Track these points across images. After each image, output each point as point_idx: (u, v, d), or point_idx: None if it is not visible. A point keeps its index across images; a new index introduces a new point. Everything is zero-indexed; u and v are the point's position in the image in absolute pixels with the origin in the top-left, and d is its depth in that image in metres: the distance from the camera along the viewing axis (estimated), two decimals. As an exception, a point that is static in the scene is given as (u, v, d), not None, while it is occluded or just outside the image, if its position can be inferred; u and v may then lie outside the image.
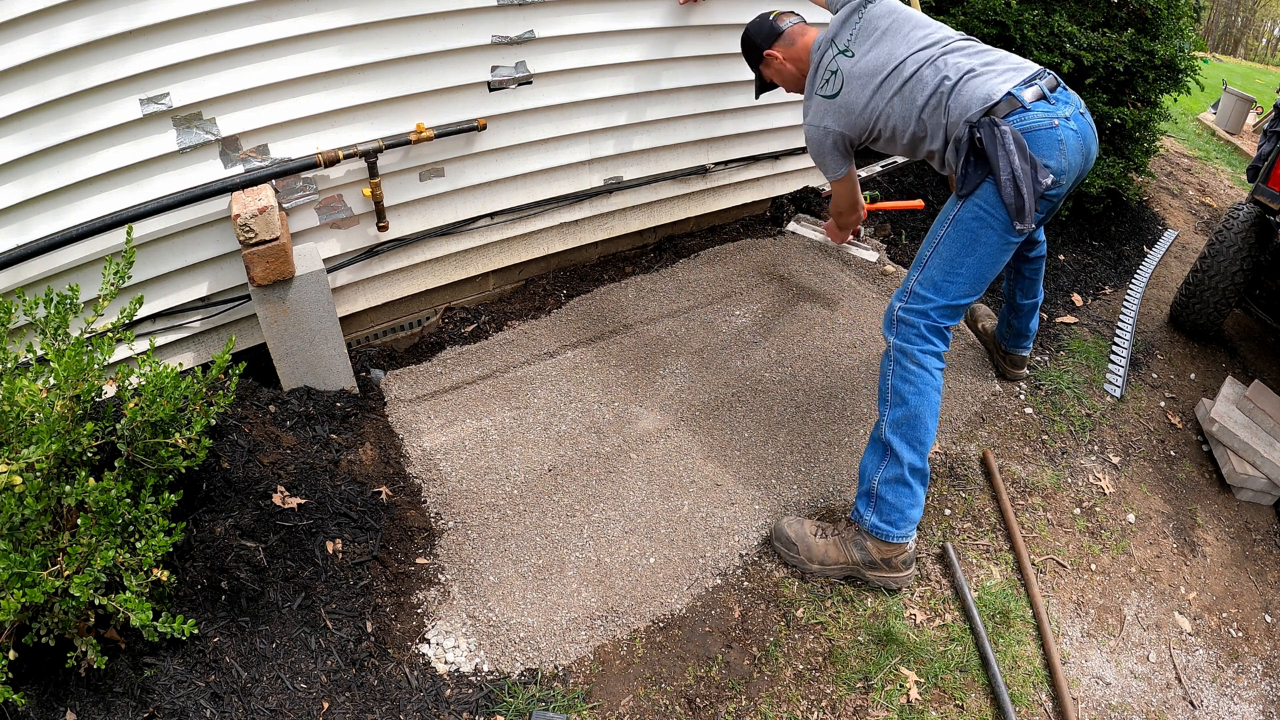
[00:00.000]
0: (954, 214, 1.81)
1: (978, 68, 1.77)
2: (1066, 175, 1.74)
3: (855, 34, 1.94)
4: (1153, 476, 2.45)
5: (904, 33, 1.89)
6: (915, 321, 1.82)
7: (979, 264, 1.80)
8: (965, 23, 3.37)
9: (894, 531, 1.79)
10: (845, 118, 1.94)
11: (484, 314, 2.70)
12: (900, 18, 1.93)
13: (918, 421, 1.79)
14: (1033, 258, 2.37)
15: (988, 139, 1.68)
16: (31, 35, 1.59)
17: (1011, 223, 1.73)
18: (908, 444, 1.79)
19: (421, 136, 2.14)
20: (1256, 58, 19.63)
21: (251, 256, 1.86)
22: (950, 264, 1.81)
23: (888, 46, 1.89)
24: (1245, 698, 1.87)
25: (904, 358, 1.82)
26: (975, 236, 1.77)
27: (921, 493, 1.81)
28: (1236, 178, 5.66)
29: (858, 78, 1.90)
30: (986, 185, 1.73)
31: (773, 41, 2.14)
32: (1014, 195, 1.68)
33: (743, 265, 3.07)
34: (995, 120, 1.68)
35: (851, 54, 1.93)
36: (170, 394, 1.40)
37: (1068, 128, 1.71)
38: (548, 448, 2.18)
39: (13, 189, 1.70)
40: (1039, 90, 1.72)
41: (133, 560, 1.33)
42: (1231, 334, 3.38)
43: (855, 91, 1.91)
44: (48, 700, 1.37)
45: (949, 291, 1.82)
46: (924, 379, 1.80)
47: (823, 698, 1.66)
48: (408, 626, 1.70)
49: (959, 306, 1.84)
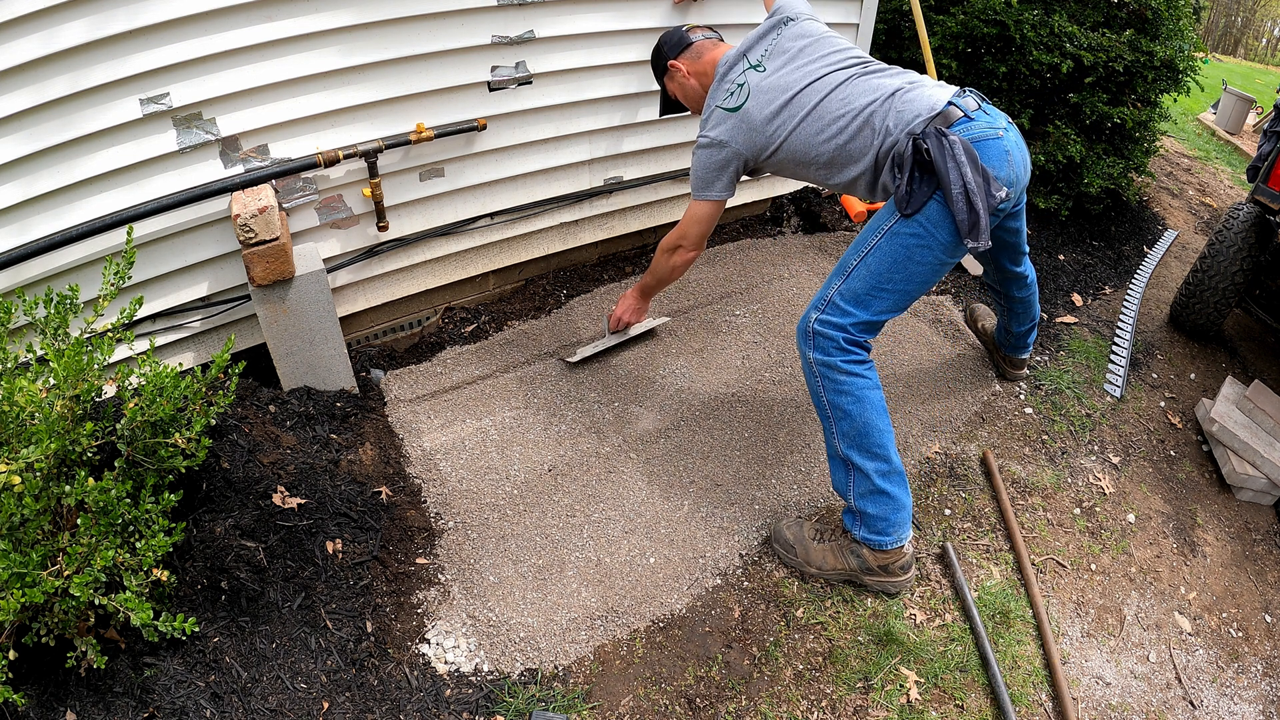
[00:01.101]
0: (889, 225, 1.68)
1: (905, 86, 1.70)
2: (1014, 189, 1.67)
3: (770, 50, 1.85)
4: (1153, 476, 2.46)
5: (822, 53, 1.81)
6: (834, 335, 1.72)
7: (908, 282, 1.69)
8: (965, 22, 3.37)
9: (885, 540, 1.76)
10: (745, 133, 1.81)
11: (484, 314, 2.70)
12: (819, 39, 1.84)
13: (868, 429, 1.71)
14: (1021, 297, 2.30)
15: (936, 150, 1.57)
16: (31, 35, 1.59)
17: (957, 241, 1.62)
18: (867, 455, 1.72)
19: (421, 136, 2.14)
20: (1256, 58, 19.64)
21: (251, 256, 1.86)
22: (877, 279, 1.69)
23: (803, 63, 1.79)
24: (1245, 698, 1.88)
25: (830, 370, 1.72)
26: (909, 254, 1.66)
27: (902, 493, 1.75)
28: (1236, 178, 5.66)
29: (765, 92, 1.79)
30: (933, 204, 1.61)
31: (679, 52, 2.03)
32: (966, 210, 1.57)
33: (743, 265, 3.07)
34: (942, 130, 1.58)
35: (763, 69, 1.82)
36: (170, 394, 1.40)
37: (1009, 137, 1.65)
38: (548, 448, 2.18)
39: (13, 189, 1.70)
40: (975, 101, 1.66)
41: (133, 560, 1.33)
42: (1231, 334, 3.38)
43: (760, 106, 1.78)
44: (48, 700, 1.37)
45: (871, 307, 1.71)
46: (857, 384, 1.71)
47: (823, 698, 1.66)
48: (408, 626, 1.70)
49: (879, 324, 1.75)
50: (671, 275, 2.18)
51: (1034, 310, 2.38)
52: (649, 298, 2.39)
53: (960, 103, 1.65)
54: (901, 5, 3.61)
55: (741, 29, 2.70)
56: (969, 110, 1.64)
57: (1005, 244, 2.13)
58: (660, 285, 2.27)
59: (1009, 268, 2.22)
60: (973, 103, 1.67)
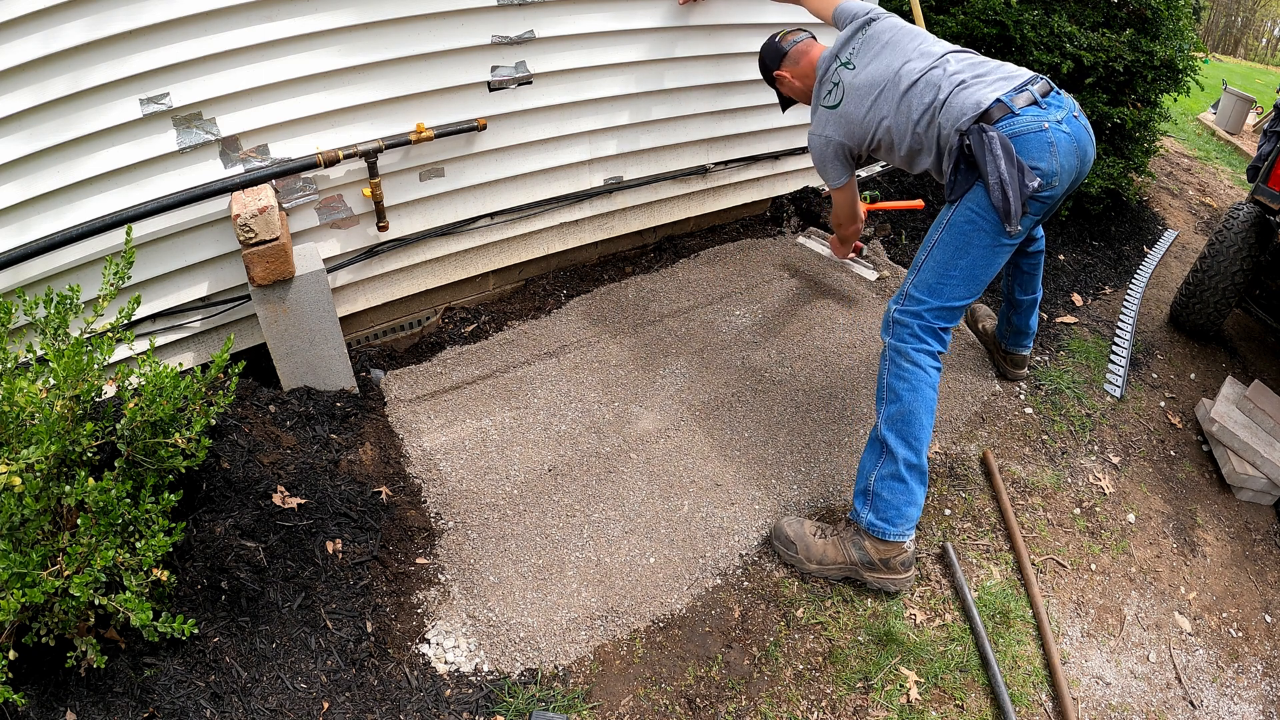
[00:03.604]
0: (947, 218, 1.85)
1: (969, 79, 1.81)
2: (1059, 177, 1.76)
3: (858, 48, 2.02)
4: (1153, 476, 2.45)
5: (903, 46, 1.95)
6: (909, 322, 1.86)
7: (972, 265, 1.83)
8: (965, 22, 3.37)
9: (890, 529, 1.79)
10: (846, 127, 2.01)
11: (484, 314, 2.70)
12: (901, 33, 1.99)
13: (912, 417, 1.81)
14: (1032, 252, 2.38)
15: (976, 146, 1.72)
16: (31, 35, 1.59)
17: (1004, 224, 1.76)
18: (903, 440, 1.81)
19: (421, 136, 2.14)
20: (1256, 58, 19.63)
21: (251, 256, 1.86)
22: (943, 267, 1.84)
23: (887, 59, 1.94)
24: (1245, 698, 1.87)
25: (898, 356, 1.86)
26: (967, 239, 1.81)
27: (919, 491, 1.81)
28: (1236, 178, 5.66)
29: (858, 89, 1.97)
30: (976, 189, 1.77)
31: (780, 62, 2.24)
32: (1001, 199, 1.72)
33: (743, 265, 3.07)
34: (984, 127, 1.72)
35: (853, 66, 2.00)
36: (170, 394, 1.39)
37: (1059, 130, 1.73)
38: (548, 448, 2.18)
39: (13, 189, 1.70)
40: (1030, 96, 1.75)
41: (133, 560, 1.33)
42: (1231, 334, 3.38)
43: (855, 102, 1.97)
44: (48, 700, 1.37)
45: (943, 293, 1.85)
46: (918, 375, 1.83)
47: (823, 698, 1.66)
48: (408, 626, 1.70)
49: (954, 309, 1.87)
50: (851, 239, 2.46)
51: (1038, 279, 2.43)
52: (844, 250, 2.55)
53: (1009, 99, 1.73)
54: (902, 5, 3.61)
55: (741, 29, 2.71)
56: (1017, 108, 1.73)
57: None
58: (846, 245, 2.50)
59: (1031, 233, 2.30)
60: (1027, 98, 1.74)
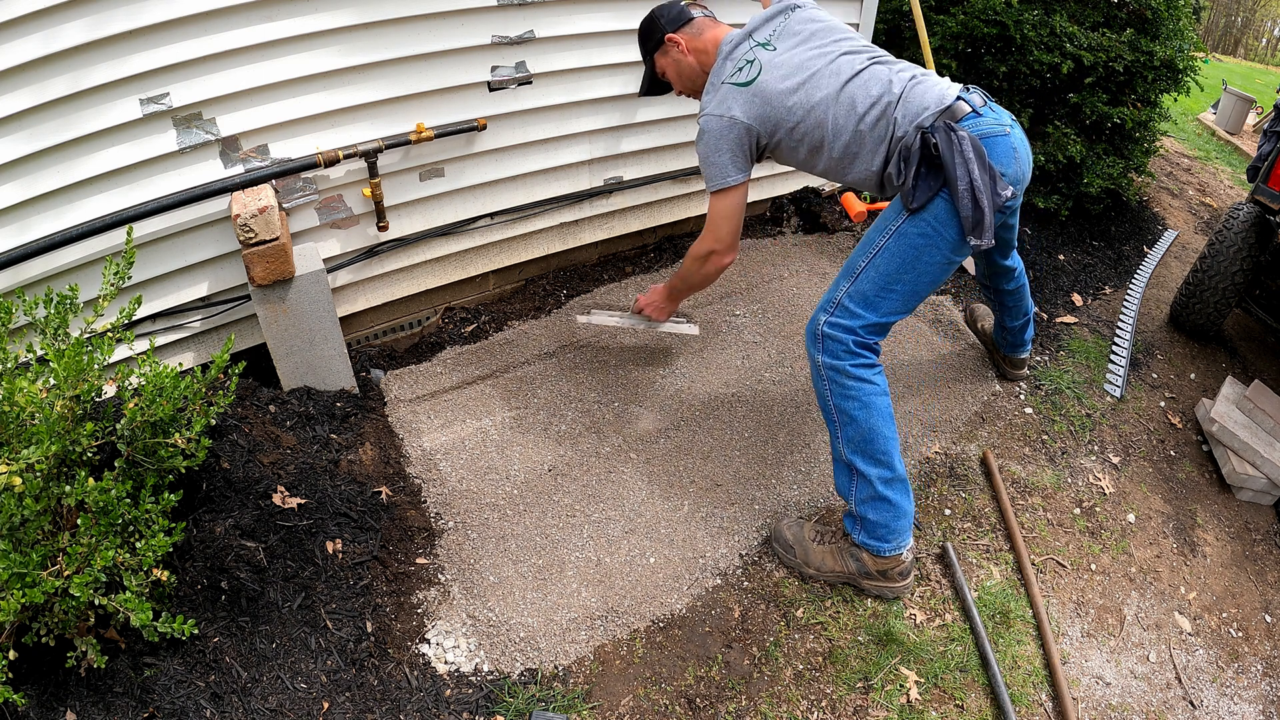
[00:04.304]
0: (897, 225, 1.66)
1: (919, 75, 1.68)
2: (1020, 185, 1.65)
3: (779, 31, 1.80)
4: (1153, 476, 2.45)
5: (834, 38, 1.78)
6: (843, 338, 1.70)
7: (916, 282, 1.67)
8: (965, 22, 3.37)
9: (884, 546, 1.76)
10: (759, 107, 1.72)
11: (484, 314, 2.70)
12: (829, 25, 1.82)
13: (873, 434, 1.70)
14: (1011, 289, 2.29)
15: (944, 144, 1.54)
16: (31, 35, 1.59)
17: (963, 239, 1.60)
18: (870, 460, 1.71)
19: (421, 136, 2.14)
20: (1256, 58, 19.63)
21: (251, 256, 1.86)
22: (885, 279, 1.67)
23: (816, 45, 1.75)
24: (1245, 698, 1.87)
25: (838, 374, 1.71)
26: (917, 254, 1.64)
27: (904, 500, 1.74)
28: (1236, 178, 5.66)
29: (780, 67, 1.72)
30: (939, 201, 1.60)
31: (679, 26, 1.92)
32: (971, 208, 1.54)
33: (743, 265, 3.06)
34: (952, 125, 1.55)
35: (773, 48, 1.77)
36: (170, 394, 1.39)
37: (1015, 135, 1.64)
38: (548, 448, 2.18)
39: (13, 189, 1.70)
40: (981, 97, 1.65)
41: (133, 560, 1.33)
42: (1231, 334, 3.38)
43: (775, 80, 1.71)
44: (48, 700, 1.37)
45: (880, 308, 1.69)
46: (865, 390, 1.70)
47: (823, 698, 1.66)
48: (408, 626, 1.70)
49: (888, 325, 1.73)
50: (704, 282, 2.09)
51: (1026, 304, 2.37)
52: (677, 301, 2.27)
53: (968, 98, 1.63)
54: (901, 5, 3.61)
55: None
56: (976, 105, 1.62)
57: (1000, 240, 2.13)
58: (691, 290, 2.18)
59: (999, 261, 2.22)
60: (979, 99, 1.65)
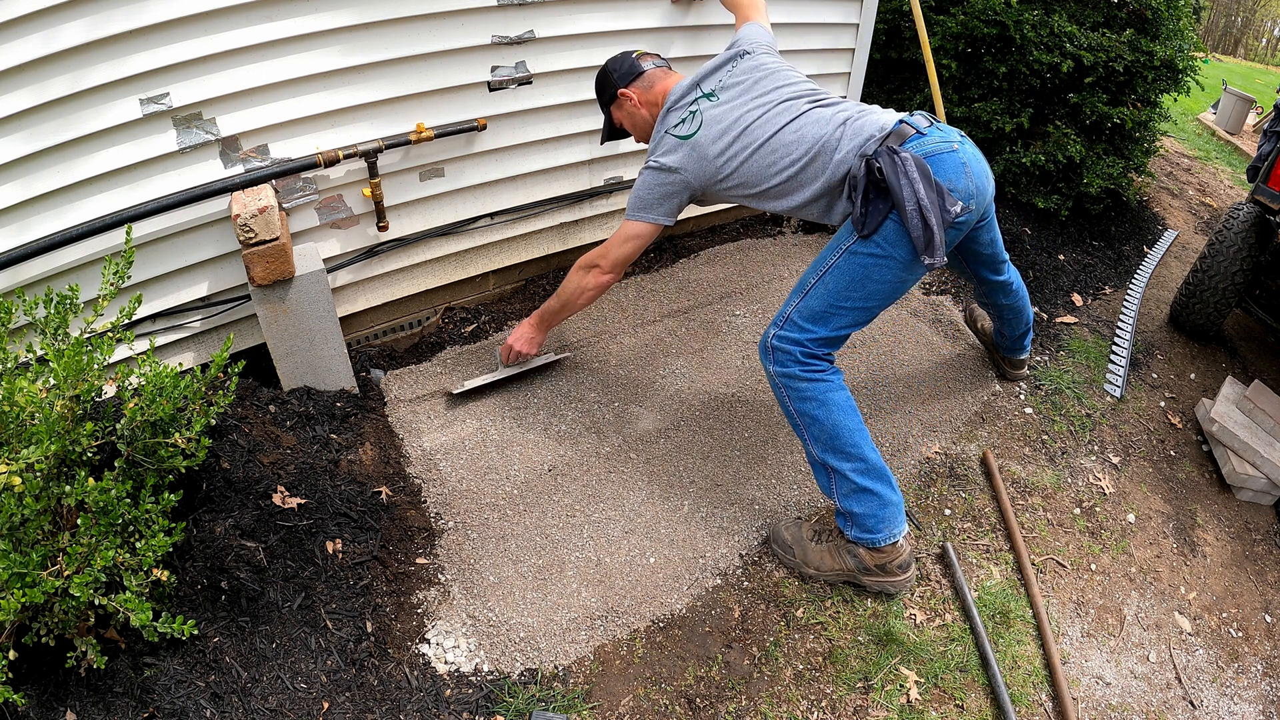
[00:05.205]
0: (847, 245, 1.69)
1: (855, 114, 1.71)
2: (975, 200, 1.67)
3: (722, 82, 1.85)
4: (1153, 476, 2.45)
5: (775, 85, 1.82)
6: (791, 350, 1.74)
7: (867, 300, 1.70)
8: (965, 22, 3.37)
9: (876, 537, 1.76)
10: (695, 162, 1.81)
11: (484, 314, 2.70)
12: (773, 72, 1.85)
13: (837, 429, 1.72)
14: (1008, 303, 2.31)
15: (888, 168, 1.57)
16: (31, 35, 1.59)
17: (915, 258, 1.63)
18: (841, 455, 1.73)
19: (421, 136, 2.14)
20: (1256, 58, 19.64)
21: (251, 256, 1.86)
22: (834, 297, 1.71)
23: (756, 95, 1.80)
24: (1245, 698, 1.88)
25: (792, 381, 1.75)
26: (867, 273, 1.67)
27: (885, 488, 1.75)
28: (1236, 178, 5.66)
29: (717, 122, 1.79)
30: (889, 223, 1.62)
31: (630, 80, 1.99)
32: (921, 227, 1.57)
33: (743, 265, 3.07)
34: (894, 149, 1.59)
35: (716, 98, 1.83)
36: (170, 394, 1.39)
37: (966, 150, 1.66)
38: (548, 448, 2.18)
39: (13, 189, 1.70)
40: (927, 119, 1.67)
41: (133, 560, 1.33)
42: (1231, 334, 3.38)
43: (712, 137, 1.79)
44: (48, 700, 1.37)
45: (829, 323, 1.73)
46: (818, 389, 1.73)
47: (823, 698, 1.66)
48: (408, 626, 1.70)
49: (838, 339, 1.77)
50: (580, 299, 2.06)
51: (1026, 315, 2.39)
52: (548, 328, 2.23)
53: (912, 121, 1.66)
54: (901, 5, 3.61)
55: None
56: (920, 127, 1.64)
57: (980, 256, 2.12)
58: (565, 311, 2.12)
59: (990, 278, 2.22)
60: (923, 120, 1.68)
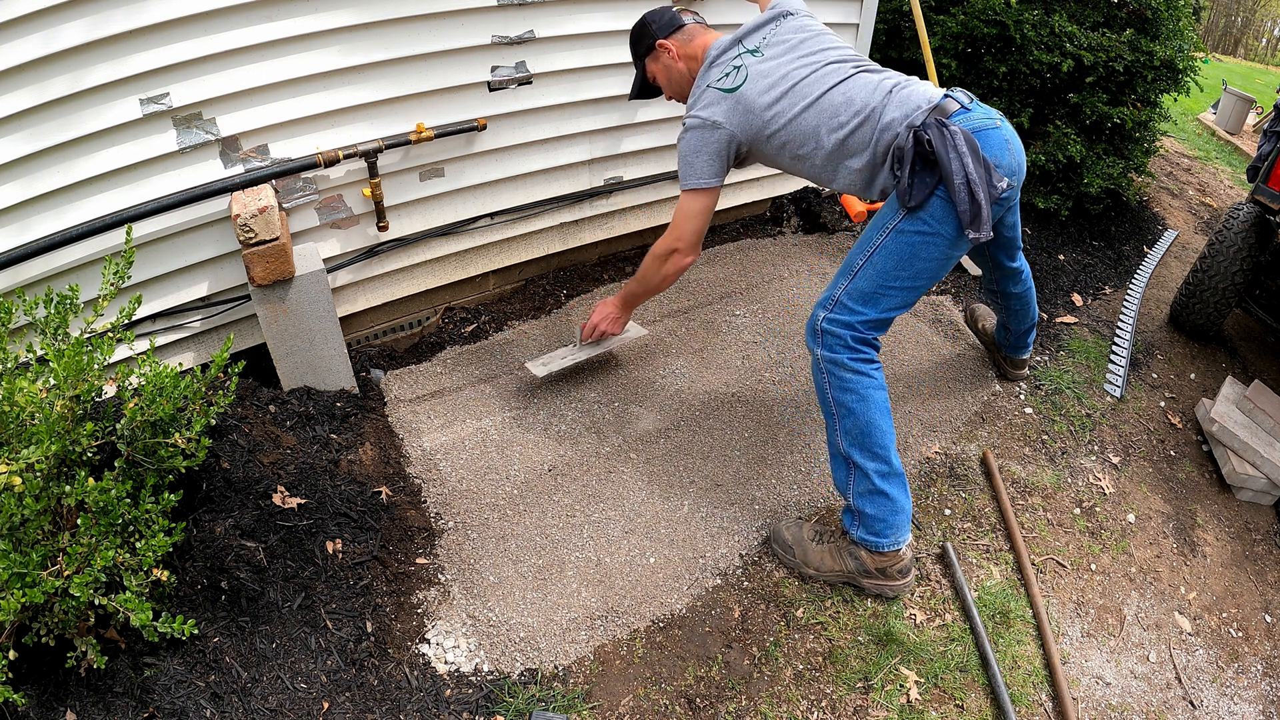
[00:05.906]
0: (894, 223, 1.67)
1: (901, 82, 1.70)
2: (1017, 177, 1.67)
3: (767, 39, 1.82)
4: (1153, 476, 2.45)
5: (821, 47, 1.79)
6: (841, 334, 1.71)
7: (915, 279, 1.68)
8: (965, 22, 3.37)
9: (882, 542, 1.76)
10: (741, 115, 1.76)
11: (484, 314, 2.70)
12: (818, 34, 1.83)
13: (870, 428, 1.71)
14: (1018, 292, 2.30)
15: (938, 140, 1.55)
16: (31, 35, 1.59)
17: (961, 233, 1.61)
18: (868, 453, 1.72)
19: (421, 136, 2.14)
20: (1256, 58, 19.64)
21: (251, 256, 1.86)
22: (884, 277, 1.68)
23: (803, 54, 1.77)
24: (1245, 698, 1.87)
25: (836, 368, 1.72)
26: (915, 250, 1.65)
27: (901, 496, 1.74)
28: (1236, 178, 5.66)
29: (765, 76, 1.75)
30: (936, 199, 1.61)
31: (670, 32, 1.95)
32: (968, 201, 1.56)
33: (743, 265, 3.07)
34: (944, 121, 1.57)
35: (761, 54, 1.79)
36: (170, 394, 1.39)
37: (1006, 128, 1.66)
38: (548, 448, 2.18)
39: (13, 189, 1.70)
40: (968, 95, 1.67)
41: (133, 560, 1.33)
42: (1231, 334, 3.38)
43: (760, 90, 1.74)
44: (48, 700, 1.37)
45: (879, 304, 1.70)
46: (863, 384, 1.71)
47: (823, 698, 1.66)
48: (408, 626, 1.70)
49: (887, 321, 1.74)
50: (663, 284, 2.04)
51: (1032, 308, 2.38)
52: (632, 308, 2.23)
53: (956, 95, 1.66)
54: (901, 5, 3.61)
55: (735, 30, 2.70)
56: (964, 102, 1.65)
57: (1002, 239, 2.13)
58: (648, 294, 2.13)
59: (1005, 263, 2.22)
60: (965, 97, 1.68)
